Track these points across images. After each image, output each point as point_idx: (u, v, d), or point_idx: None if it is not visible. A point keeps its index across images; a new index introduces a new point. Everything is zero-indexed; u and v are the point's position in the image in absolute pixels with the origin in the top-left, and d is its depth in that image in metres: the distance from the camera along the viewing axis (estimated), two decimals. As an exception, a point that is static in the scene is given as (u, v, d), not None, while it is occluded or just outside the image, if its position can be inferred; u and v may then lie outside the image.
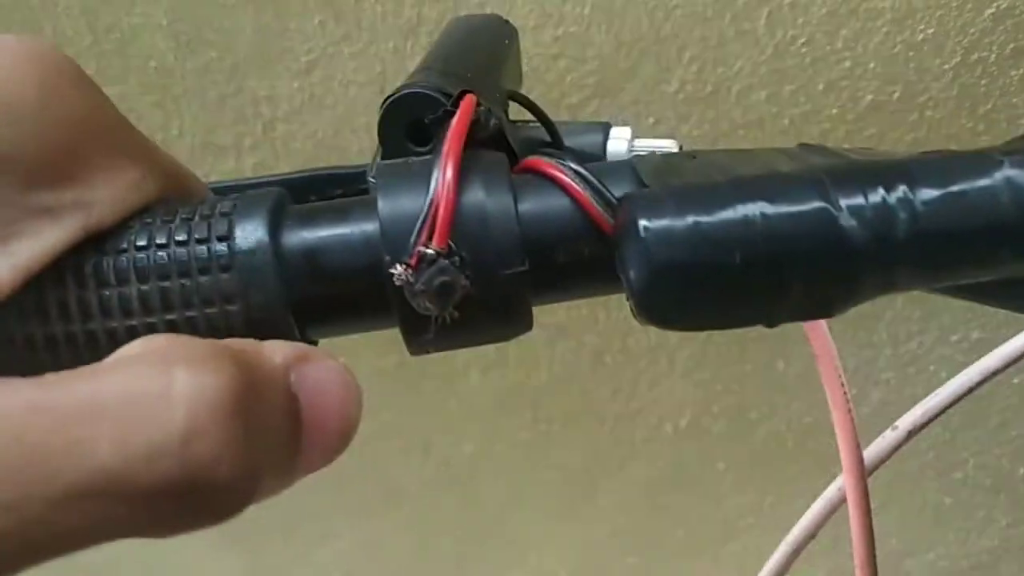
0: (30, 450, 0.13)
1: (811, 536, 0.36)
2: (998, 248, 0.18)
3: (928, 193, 0.17)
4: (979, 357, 0.35)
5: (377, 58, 0.50)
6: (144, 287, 0.18)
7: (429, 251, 0.18)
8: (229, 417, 0.14)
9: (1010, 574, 0.72)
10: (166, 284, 0.18)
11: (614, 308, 0.59)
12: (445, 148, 0.19)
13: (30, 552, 0.13)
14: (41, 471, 0.13)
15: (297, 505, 0.76)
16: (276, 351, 0.16)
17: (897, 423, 0.34)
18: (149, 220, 0.19)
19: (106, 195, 0.18)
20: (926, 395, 0.38)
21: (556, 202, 0.19)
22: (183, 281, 0.18)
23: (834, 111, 0.48)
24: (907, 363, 0.59)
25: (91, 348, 0.18)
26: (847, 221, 0.17)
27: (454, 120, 0.20)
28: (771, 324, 0.18)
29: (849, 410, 0.30)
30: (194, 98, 0.53)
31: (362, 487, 0.74)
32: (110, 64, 0.52)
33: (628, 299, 0.19)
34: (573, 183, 0.19)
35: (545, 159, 0.20)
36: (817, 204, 0.17)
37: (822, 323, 0.30)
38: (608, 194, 0.19)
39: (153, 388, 0.14)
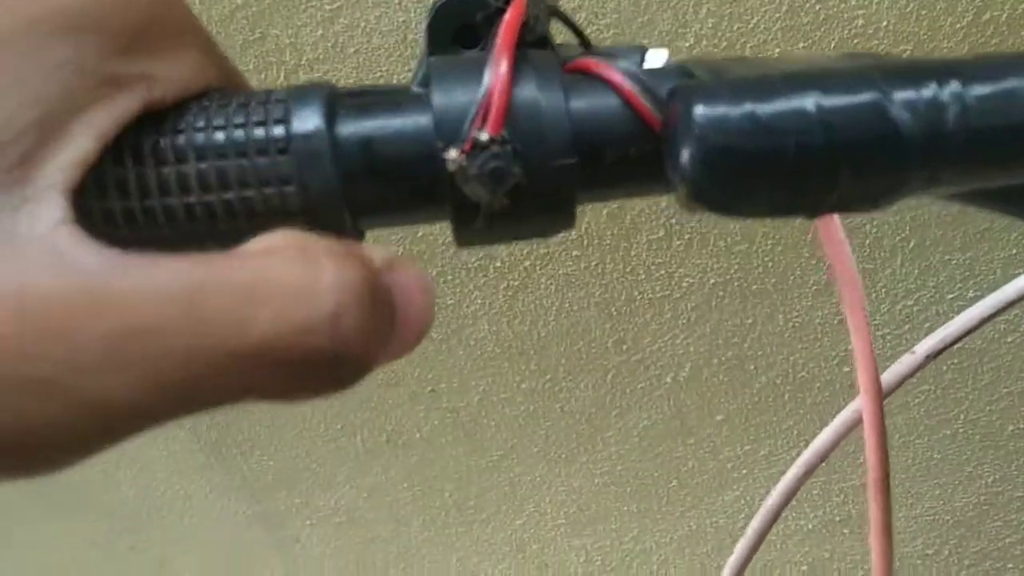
0: (204, 320, 0.15)
1: (823, 458, 0.38)
2: None
3: (979, 89, 0.18)
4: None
5: (401, 7, 0.51)
6: (203, 165, 0.18)
7: (483, 137, 0.18)
8: (364, 303, 0.16)
9: (994, 530, 0.75)
10: (224, 163, 0.19)
11: (621, 260, 0.60)
12: (499, 41, 0.19)
13: (186, 405, 0.16)
14: (209, 338, 0.15)
15: (301, 453, 0.78)
16: (376, 253, 0.18)
17: (915, 348, 0.35)
18: (207, 104, 0.19)
19: (169, 72, 0.19)
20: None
21: (606, 101, 0.20)
22: (241, 161, 0.19)
23: (844, 70, 0.50)
24: (903, 320, 0.61)
25: (150, 224, 0.19)
26: (899, 113, 0.17)
27: (507, 15, 0.20)
28: (814, 214, 0.19)
29: (868, 333, 0.31)
30: (218, 45, 0.54)
31: (367, 434, 0.76)
32: (136, 6, 0.52)
33: (678, 188, 0.19)
34: (623, 80, 0.20)
35: (595, 59, 0.21)
36: (870, 96, 0.17)
37: (846, 244, 0.30)
38: (658, 93, 0.20)
39: (306, 276, 0.16)
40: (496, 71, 0.19)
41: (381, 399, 0.72)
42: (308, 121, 0.19)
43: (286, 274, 0.16)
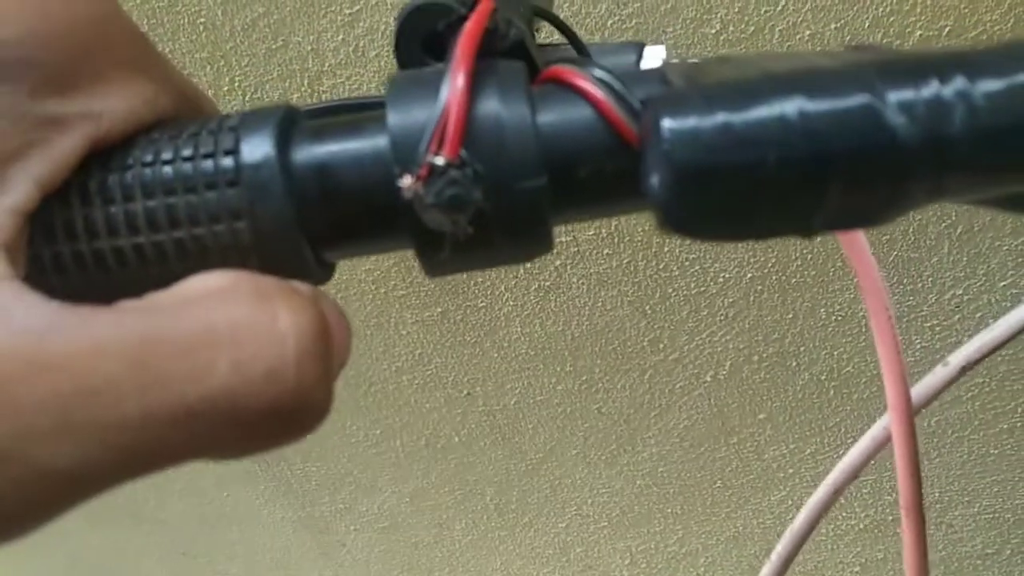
0: (156, 375, 0.14)
1: (853, 477, 0.36)
2: None
3: (989, 85, 0.15)
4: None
5: (419, 7, 0.51)
6: (150, 203, 0.18)
7: (439, 162, 0.17)
8: (324, 345, 0.15)
9: (1057, 527, 0.72)
10: (172, 200, 0.18)
11: (653, 257, 0.59)
12: (457, 53, 0.18)
13: (145, 466, 0.15)
14: (165, 394, 0.14)
15: (343, 459, 0.78)
16: (306, 288, 0.17)
17: (949, 359, 0.33)
18: (156, 136, 0.18)
19: (115, 106, 0.17)
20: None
21: (577, 112, 0.18)
22: (189, 197, 0.18)
23: (879, 51, 0.48)
24: (952, 310, 0.59)
25: (100, 268, 0.18)
26: (895, 117, 0.15)
27: (467, 24, 0.18)
28: (808, 234, 0.17)
29: (896, 343, 0.29)
30: (243, 54, 0.54)
31: (406, 439, 0.76)
32: (160, 22, 0.53)
33: (652, 210, 0.17)
34: (595, 90, 0.18)
35: (566, 67, 0.19)
36: (861, 99, 0.16)
37: (869, 254, 0.29)
38: (634, 102, 0.18)
39: (261, 319, 0.15)
40: (452, 86, 0.17)
41: (418, 403, 0.72)
42: (258, 150, 0.18)
43: (240, 317, 0.15)
